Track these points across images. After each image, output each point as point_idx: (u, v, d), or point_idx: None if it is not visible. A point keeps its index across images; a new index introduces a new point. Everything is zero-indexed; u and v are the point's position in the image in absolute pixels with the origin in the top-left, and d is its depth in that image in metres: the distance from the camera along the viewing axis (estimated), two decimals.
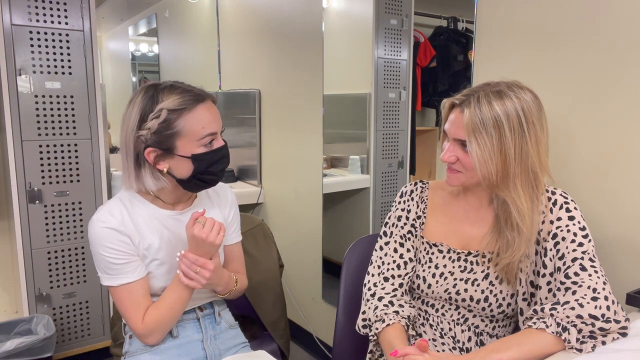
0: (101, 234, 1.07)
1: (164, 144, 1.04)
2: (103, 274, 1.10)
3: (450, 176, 1.06)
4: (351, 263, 1.35)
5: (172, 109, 1.02)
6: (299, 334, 2.43)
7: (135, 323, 1.10)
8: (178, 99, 1.04)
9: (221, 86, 3.03)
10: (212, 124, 1.07)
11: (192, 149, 1.05)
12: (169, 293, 1.11)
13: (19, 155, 1.93)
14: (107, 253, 1.07)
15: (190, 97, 1.05)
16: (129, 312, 1.10)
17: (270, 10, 2.43)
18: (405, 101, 2.04)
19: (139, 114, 1.04)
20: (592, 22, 1.17)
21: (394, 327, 1.05)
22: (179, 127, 1.03)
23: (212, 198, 1.25)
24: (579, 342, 0.88)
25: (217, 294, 1.22)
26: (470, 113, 0.96)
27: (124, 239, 1.08)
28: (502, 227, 1.04)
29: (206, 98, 1.07)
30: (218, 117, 1.09)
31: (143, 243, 1.11)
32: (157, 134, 1.03)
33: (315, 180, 2.21)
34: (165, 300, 1.11)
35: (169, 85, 1.07)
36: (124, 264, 1.08)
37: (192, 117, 1.04)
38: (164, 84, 1.07)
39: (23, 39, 1.90)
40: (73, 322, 2.14)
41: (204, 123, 1.05)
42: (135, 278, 1.09)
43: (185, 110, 1.03)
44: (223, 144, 1.10)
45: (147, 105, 1.04)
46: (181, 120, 1.03)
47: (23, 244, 1.99)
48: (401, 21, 1.98)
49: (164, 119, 1.02)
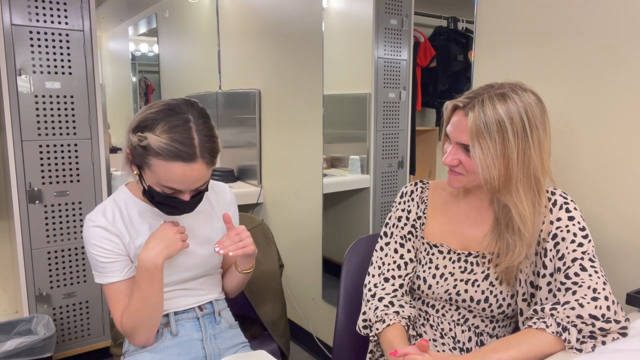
0: (90, 233, 1.10)
1: (136, 159, 1.04)
2: (94, 271, 1.13)
3: (451, 178, 1.05)
4: (351, 263, 1.35)
5: (151, 147, 0.99)
6: (299, 334, 2.43)
7: (117, 323, 1.12)
8: (165, 143, 0.98)
9: (221, 86, 3.03)
10: (180, 184, 1.01)
11: (152, 183, 1.04)
12: (140, 282, 1.08)
13: (19, 155, 1.93)
14: (94, 251, 1.09)
15: (177, 150, 0.98)
16: (113, 311, 1.12)
17: (270, 10, 2.43)
18: (405, 101, 2.04)
19: (137, 121, 1.03)
20: (592, 22, 1.17)
21: (395, 327, 1.05)
22: (150, 162, 1.00)
23: (210, 198, 1.25)
24: (579, 342, 0.88)
25: (241, 271, 1.24)
26: (475, 117, 0.95)
27: (113, 238, 1.10)
28: (502, 230, 1.04)
29: (195, 159, 0.99)
30: (195, 180, 1.02)
31: (134, 242, 1.12)
32: (135, 148, 1.02)
33: (315, 180, 2.21)
34: (137, 292, 1.09)
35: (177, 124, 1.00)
36: (111, 263, 1.10)
37: (163, 166, 0.99)
38: (175, 118, 1.00)
39: (23, 39, 1.90)
40: (73, 322, 2.14)
41: (171, 179, 1.00)
42: (121, 278, 1.11)
43: (161, 156, 0.99)
44: (186, 200, 1.05)
45: (145, 122, 1.01)
46: (154, 159, 0.99)
47: (23, 244, 1.99)
48: (401, 21, 1.98)
49: (143, 145, 1.00)
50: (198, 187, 1.05)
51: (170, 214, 1.11)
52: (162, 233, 1.08)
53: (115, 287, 1.11)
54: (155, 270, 1.07)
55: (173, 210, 1.08)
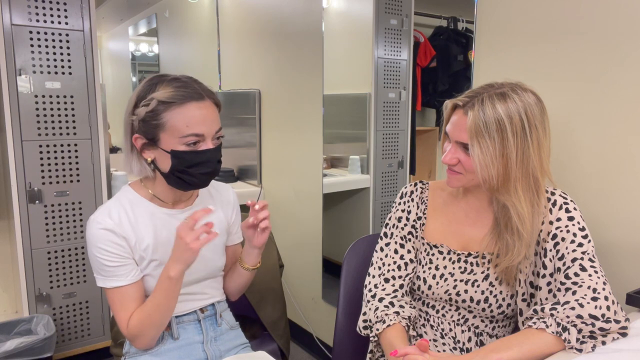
0: (96, 235, 1.06)
1: (149, 133, 1.03)
2: (97, 275, 1.09)
3: (450, 177, 1.06)
4: (351, 263, 1.35)
5: (162, 101, 1.01)
6: (299, 334, 2.43)
7: (123, 327, 1.09)
8: (171, 91, 1.01)
9: (221, 86, 3.03)
10: (200, 125, 1.02)
11: (173, 144, 1.03)
12: (156, 290, 1.07)
13: (19, 155, 1.93)
14: (100, 254, 1.06)
15: (185, 92, 1.02)
16: (118, 315, 1.09)
17: (270, 10, 2.43)
18: (405, 101, 2.04)
19: (135, 98, 1.04)
20: (592, 22, 1.17)
21: (395, 327, 1.05)
22: (164, 120, 1.01)
23: (214, 197, 1.24)
24: (579, 342, 0.88)
25: (247, 267, 1.23)
26: (474, 116, 0.96)
27: (119, 241, 1.07)
28: (501, 230, 1.04)
29: (204, 97, 1.04)
30: (212, 120, 1.04)
31: (141, 244, 1.10)
32: (144, 122, 1.03)
33: (315, 180, 2.21)
34: (152, 299, 1.08)
35: (174, 78, 1.05)
36: (117, 267, 1.07)
37: (178, 113, 1.01)
38: (171, 76, 1.05)
39: (23, 39, 1.90)
40: (73, 322, 2.14)
41: (190, 122, 1.01)
42: (128, 282, 1.08)
43: (173, 104, 1.01)
44: (210, 147, 1.05)
45: (143, 92, 1.04)
46: (168, 113, 1.01)
47: (23, 244, 1.99)
48: (401, 21, 1.98)
49: (152, 108, 1.01)
50: (217, 132, 1.07)
51: (194, 185, 1.07)
52: (176, 244, 1.03)
53: (121, 291, 1.08)
54: (171, 282, 1.05)
55: (202, 168, 1.04)
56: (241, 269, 1.25)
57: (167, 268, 1.04)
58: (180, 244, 1.01)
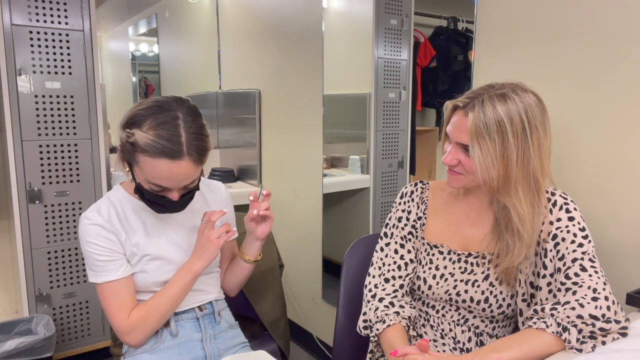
0: (86, 230, 1.09)
1: (126, 155, 1.05)
2: (89, 271, 1.12)
3: (451, 178, 1.06)
4: (351, 263, 1.35)
5: (139, 143, 0.99)
6: (299, 334, 2.43)
7: (120, 319, 1.09)
8: (150, 139, 0.98)
9: (221, 86, 3.03)
10: (166, 181, 1.01)
11: (142, 180, 1.05)
12: (173, 283, 1.13)
13: (19, 155, 1.93)
14: (91, 249, 1.09)
15: (163, 147, 0.97)
16: (112, 310, 1.10)
17: (270, 10, 2.43)
18: (405, 101, 2.04)
19: (126, 116, 1.03)
20: (592, 22, 1.17)
21: (395, 327, 1.05)
22: (137, 158, 1.01)
23: (206, 196, 1.26)
24: (579, 342, 0.88)
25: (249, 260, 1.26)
26: (474, 117, 0.95)
27: (109, 235, 1.10)
28: (502, 231, 1.04)
29: (181, 156, 0.99)
30: (183, 177, 1.02)
31: (131, 240, 1.12)
32: (124, 144, 1.03)
33: (315, 180, 2.21)
34: (166, 291, 1.12)
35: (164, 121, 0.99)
36: (108, 261, 1.09)
37: (149, 162, 0.99)
38: (165, 113, 1.00)
39: (23, 39, 1.90)
40: (73, 322, 2.14)
41: (157, 175, 1.01)
42: (119, 276, 1.10)
43: (147, 153, 0.99)
44: (173, 199, 1.05)
45: (134, 117, 1.02)
46: (140, 155, 1.00)
47: (23, 244, 1.99)
48: (401, 21, 1.98)
49: (131, 141, 1.00)
50: (187, 185, 1.05)
51: (160, 212, 1.11)
52: (198, 242, 1.14)
53: (113, 285, 1.10)
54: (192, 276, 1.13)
55: (162, 208, 1.09)
56: (242, 262, 1.28)
57: (190, 264, 1.13)
58: (203, 241, 1.11)
